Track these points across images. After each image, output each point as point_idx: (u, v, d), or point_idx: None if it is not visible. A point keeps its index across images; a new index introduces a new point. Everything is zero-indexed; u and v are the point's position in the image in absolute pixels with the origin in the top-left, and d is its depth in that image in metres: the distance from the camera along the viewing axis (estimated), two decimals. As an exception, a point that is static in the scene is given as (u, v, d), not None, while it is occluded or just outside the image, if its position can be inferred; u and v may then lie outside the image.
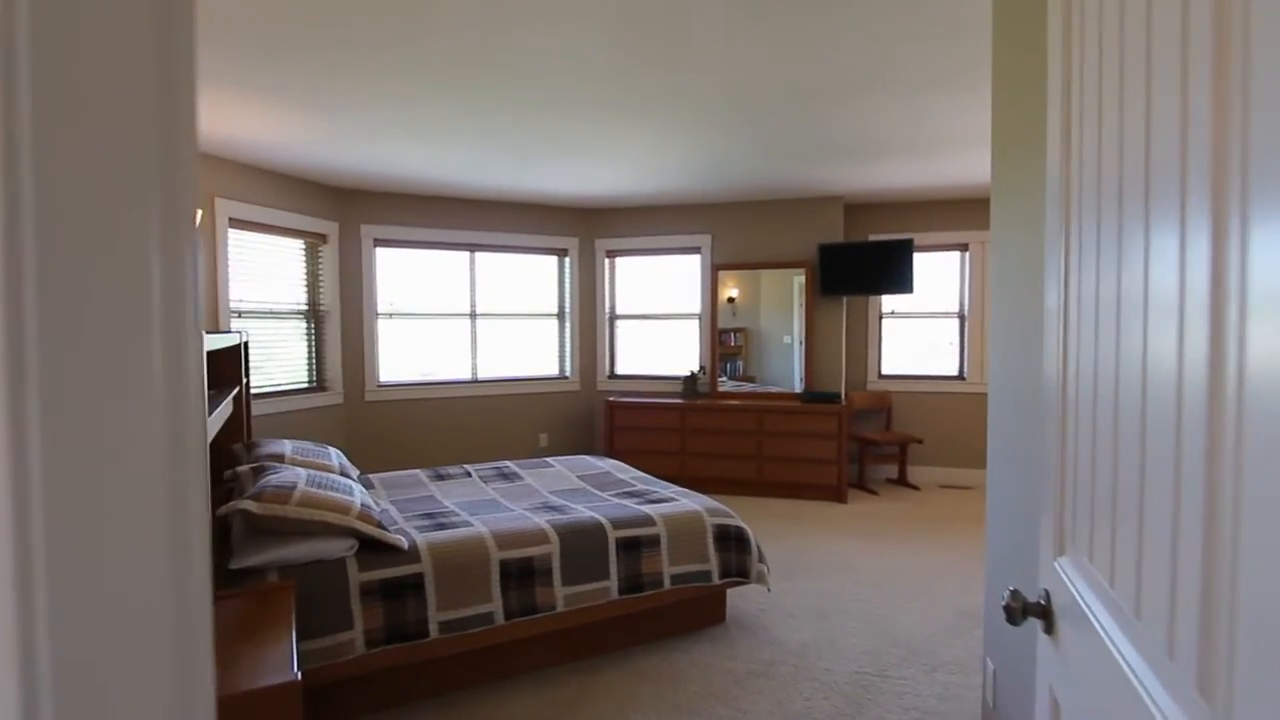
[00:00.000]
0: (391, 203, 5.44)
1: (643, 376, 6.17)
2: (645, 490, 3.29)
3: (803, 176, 4.92)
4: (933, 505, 5.17)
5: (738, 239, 5.88)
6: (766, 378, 5.76)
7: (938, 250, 5.90)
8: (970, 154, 4.27)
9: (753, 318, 5.83)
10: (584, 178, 4.94)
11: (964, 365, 5.86)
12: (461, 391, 5.72)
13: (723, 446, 5.45)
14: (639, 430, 5.64)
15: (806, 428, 5.26)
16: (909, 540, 4.34)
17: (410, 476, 3.63)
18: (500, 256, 5.93)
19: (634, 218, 6.11)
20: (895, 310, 6.01)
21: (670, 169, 4.67)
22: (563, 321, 6.18)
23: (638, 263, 6.21)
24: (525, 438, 5.99)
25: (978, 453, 5.81)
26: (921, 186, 5.26)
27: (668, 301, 6.15)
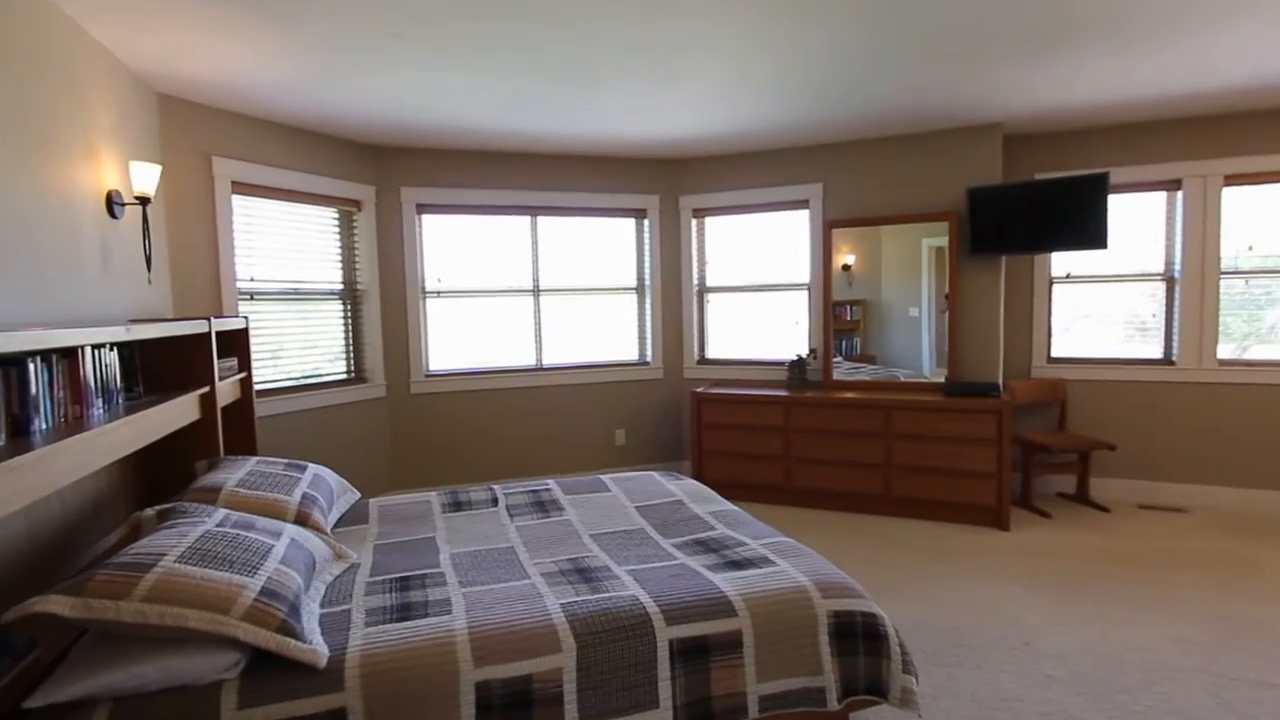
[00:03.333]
0: (436, 161, 4.62)
1: (739, 362, 5.09)
2: (727, 540, 2.26)
3: (945, 94, 3.63)
4: (1136, 536, 3.80)
5: (857, 188, 4.64)
6: (889, 359, 4.54)
7: (1135, 190, 4.39)
8: (1198, 38, 2.85)
9: (872, 287, 4.60)
10: (660, 112, 3.89)
11: (1172, 345, 4.36)
12: (524, 381, 4.89)
13: (839, 451, 4.30)
14: (733, 429, 4.58)
15: (953, 430, 4.01)
16: (1114, 597, 3.06)
17: (420, 504, 2.78)
18: (567, 221, 5.00)
19: (725, 167, 4.99)
20: (1071, 273, 4.57)
21: (766, 93, 3.53)
22: (642, 297, 5.19)
23: (731, 223, 5.10)
24: (599, 435, 5.09)
25: (1195, 462, 4.32)
26: (1115, 101, 3.81)
27: (770, 270, 5.01)
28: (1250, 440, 4.19)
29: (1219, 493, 4.27)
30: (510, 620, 1.69)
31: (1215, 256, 4.19)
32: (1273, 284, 4.17)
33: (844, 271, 4.68)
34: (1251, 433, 4.19)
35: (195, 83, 3.18)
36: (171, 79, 3.12)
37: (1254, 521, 4.00)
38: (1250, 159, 4.09)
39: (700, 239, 5.19)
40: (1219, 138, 4.16)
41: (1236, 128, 4.12)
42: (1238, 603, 2.99)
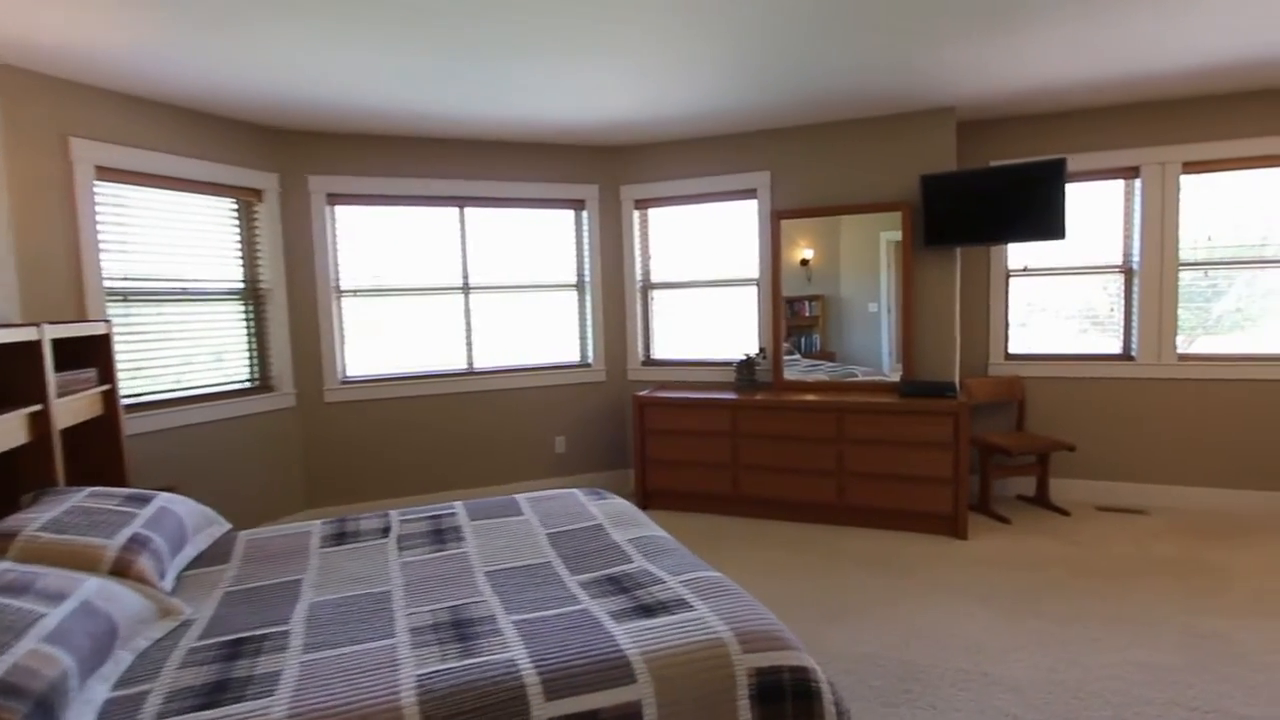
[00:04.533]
0: (349, 146, 4.21)
1: (687, 362, 4.79)
2: (642, 577, 1.94)
3: (894, 75, 3.36)
4: (1097, 542, 3.59)
5: (806, 176, 4.36)
6: (848, 355, 4.28)
7: (1092, 178, 4.19)
8: (1153, 13, 2.62)
9: (830, 282, 4.34)
10: (592, 91, 3.55)
11: (1131, 339, 4.18)
12: (453, 386, 4.51)
13: (789, 458, 4.02)
14: (678, 435, 4.27)
15: (907, 433, 3.75)
16: (1078, 613, 2.82)
17: (297, 537, 2.40)
18: (499, 213, 4.63)
19: (668, 155, 4.68)
20: (1029, 266, 4.36)
21: (705, 71, 3.21)
22: (582, 294, 4.85)
23: (676, 214, 4.79)
24: (537, 443, 4.74)
25: (1154, 461, 4.14)
26: (1070, 83, 3.58)
27: (718, 264, 4.71)
28: (1210, 438, 4.03)
29: (1180, 492, 4.10)
30: (347, 704, 1.34)
31: (1174, 247, 4.01)
32: (1230, 275, 4.01)
33: (803, 266, 4.41)
34: (1211, 430, 4.02)
35: (44, 50, 2.74)
36: (12, 45, 2.68)
37: (1216, 522, 3.83)
38: (1210, 145, 3.91)
39: (643, 231, 4.86)
40: (1178, 123, 3.97)
41: (1196, 112, 3.94)
42: (1206, 617, 2.78)
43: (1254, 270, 3.96)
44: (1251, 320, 3.99)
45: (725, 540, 3.82)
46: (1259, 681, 2.33)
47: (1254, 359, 3.93)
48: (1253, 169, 3.89)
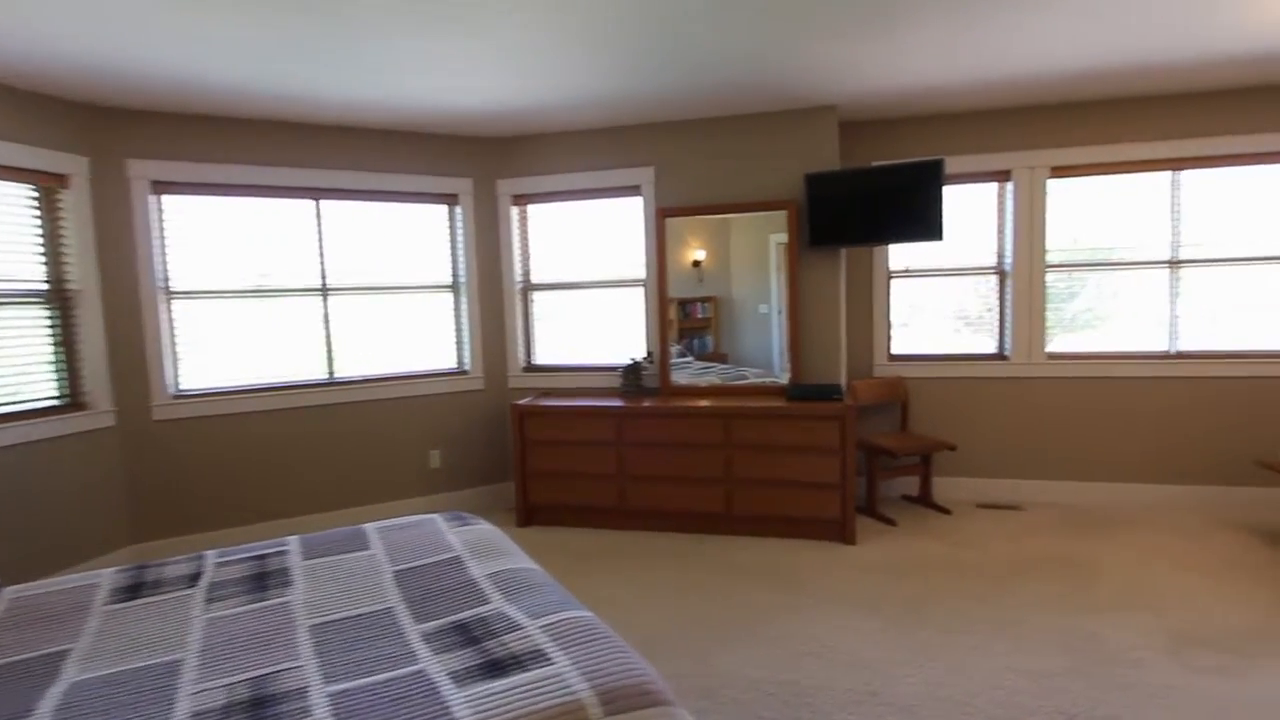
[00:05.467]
0: (180, 127, 3.68)
1: (572, 368, 4.53)
2: (497, 622, 1.67)
3: (775, 69, 3.26)
4: (977, 541, 3.63)
5: (691, 173, 4.22)
6: (741, 357, 4.18)
7: (968, 181, 4.29)
8: (1022, 16, 2.63)
9: (722, 284, 4.21)
10: (459, 77, 3.23)
11: (1005, 339, 4.30)
12: (311, 398, 4.04)
13: (677, 466, 3.85)
14: (560, 446, 4.01)
15: (795, 438, 3.67)
16: (962, 619, 2.79)
17: (80, 592, 1.97)
18: (361, 206, 4.20)
19: (548, 147, 4.41)
20: (909, 267, 4.41)
21: (577, 57, 2.97)
22: (458, 296, 4.50)
23: (558, 211, 4.53)
24: (409, 458, 4.34)
25: (1028, 458, 4.27)
26: (946, 85, 3.62)
27: (603, 264, 4.49)
28: (1076, 434, 4.20)
29: (1051, 487, 4.25)
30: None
31: (1042, 249, 4.15)
32: (1084, 277, 4.20)
33: (694, 268, 4.26)
34: (1077, 426, 4.19)
35: None
36: None
37: (1085, 516, 3.98)
38: (1075, 150, 4.07)
39: (523, 229, 4.57)
40: (1046, 128, 4.11)
41: (1062, 118, 4.09)
42: (1080, 616, 2.81)
43: (1104, 272, 4.16)
44: (1101, 319, 4.20)
45: (611, 557, 3.59)
46: (1131, 681, 2.34)
47: (1112, 357, 4.12)
48: (1112, 174, 4.09)
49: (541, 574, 2.00)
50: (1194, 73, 3.52)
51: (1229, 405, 4.00)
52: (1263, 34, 2.99)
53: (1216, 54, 3.24)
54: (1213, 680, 2.34)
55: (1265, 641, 2.57)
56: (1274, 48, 3.16)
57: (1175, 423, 4.07)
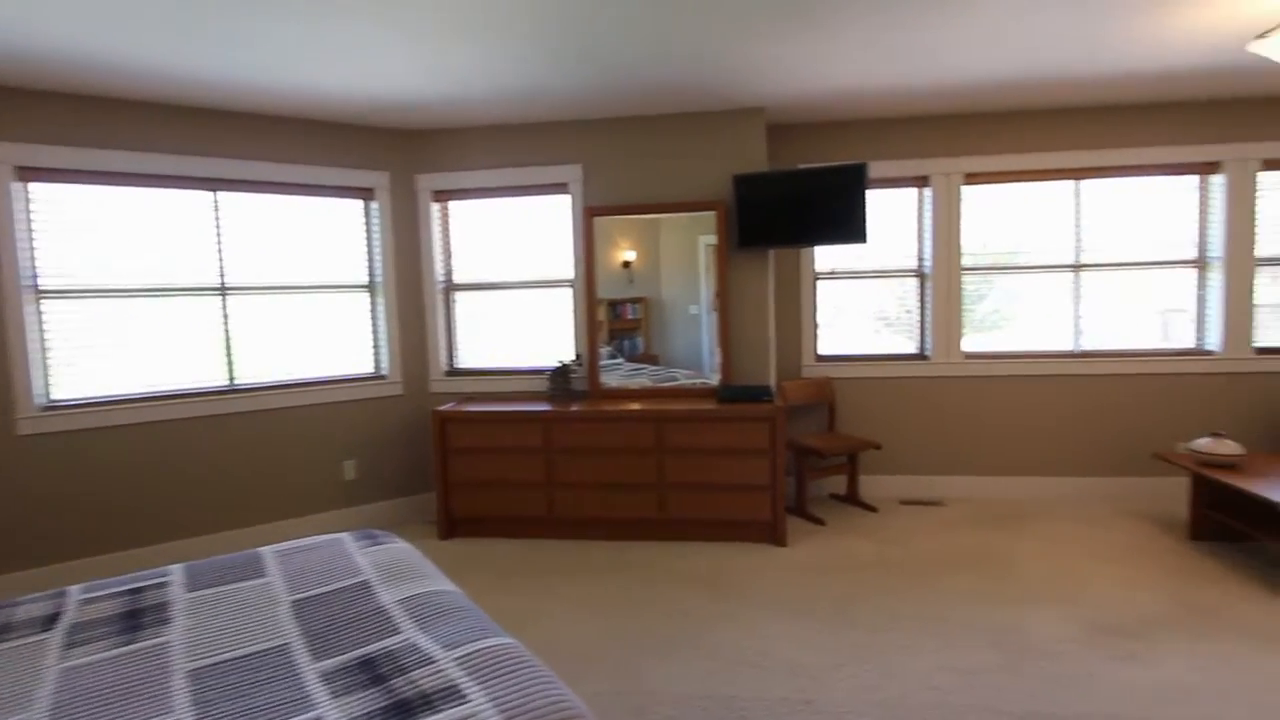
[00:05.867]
0: (47, 106, 3.30)
1: (497, 371, 4.35)
2: (407, 656, 1.51)
3: (701, 68, 3.20)
4: (905, 538, 3.67)
5: (619, 171, 4.12)
6: (672, 359, 4.11)
7: (890, 186, 4.36)
8: (940, 18, 2.67)
9: (652, 284, 4.13)
10: (370, 62, 3.02)
11: (925, 340, 4.39)
12: (209, 407, 3.71)
13: (608, 472, 3.73)
14: (484, 454, 3.83)
15: (726, 441, 3.62)
16: (892, 617, 2.79)
17: (-97, 640, 1.68)
18: (265, 200, 3.90)
19: (471, 141, 4.22)
20: (835, 269, 4.45)
21: (493, 45, 2.82)
22: (374, 296, 4.24)
23: (481, 208, 4.34)
24: (321, 470, 4.06)
25: (947, 455, 4.38)
26: (873, 91, 3.65)
27: (530, 264, 4.33)
28: (992, 430, 4.33)
29: (970, 482, 4.37)
30: None
31: (958, 252, 4.27)
32: (992, 279, 4.34)
33: (625, 268, 4.16)
34: (993, 422, 4.33)
35: None
36: None
37: (1001, 509, 4.10)
38: (988, 158, 4.20)
39: (445, 226, 4.36)
40: (962, 137, 4.23)
41: (977, 128, 4.21)
42: (1002, 609, 2.86)
43: (1014, 275, 4.31)
44: (1007, 320, 4.36)
45: (538, 569, 3.45)
46: (1054, 673, 2.39)
47: (1023, 356, 4.28)
48: (1021, 181, 4.23)
49: (459, 597, 1.85)
50: (1095, 88, 3.67)
51: (1128, 401, 4.22)
52: (1157, 54, 3.13)
53: (1115, 72, 3.38)
54: (1128, 667, 2.41)
55: (1170, 626, 2.68)
56: (1164, 67, 3.32)
57: (1080, 418, 4.26)
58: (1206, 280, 4.20)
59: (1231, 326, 4.12)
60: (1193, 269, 4.21)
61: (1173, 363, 4.17)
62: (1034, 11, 2.69)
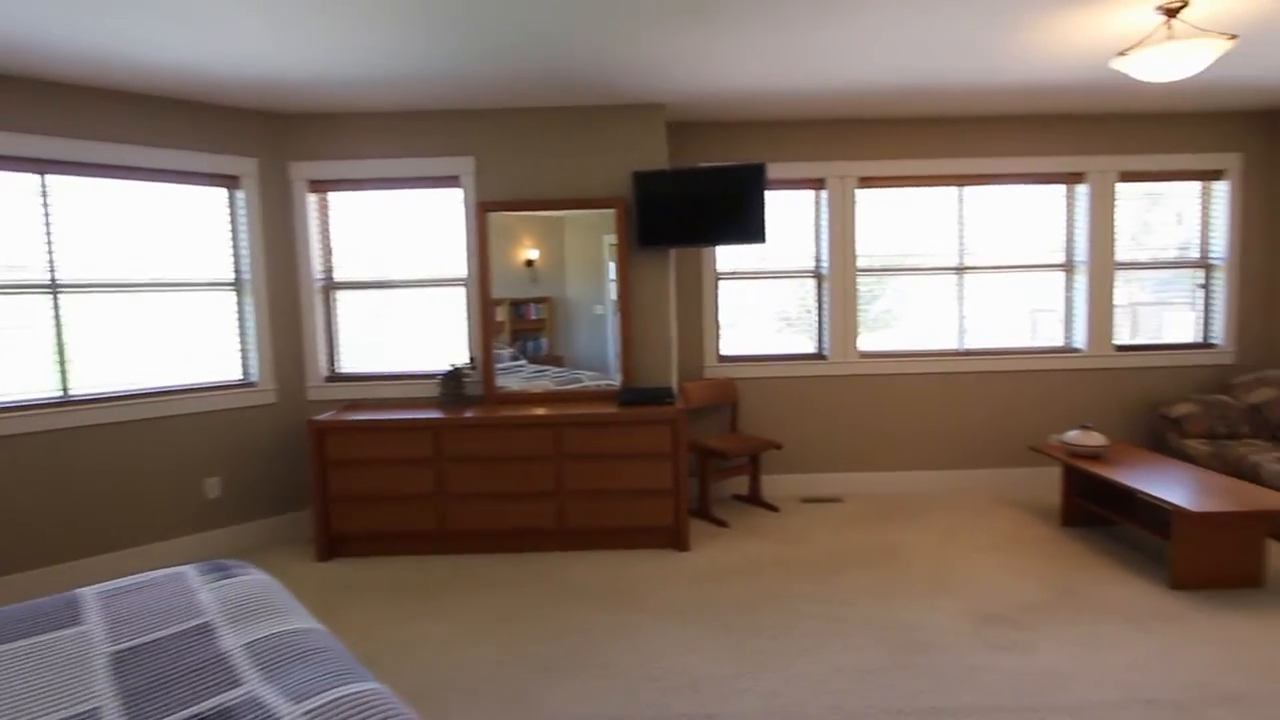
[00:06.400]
0: None
1: (383, 377, 4.06)
2: (248, 714, 1.30)
3: (605, 63, 3.08)
4: (806, 537, 3.69)
5: (515, 165, 3.93)
6: (577, 360, 3.97)
7: (788, 187, 4.39)
8: (856, 18, 2.68)
9: (557, 284, 3.97)
10: (224, 28, 2.70)
11: (823, 340, 4.46)
12: (43, 421, 3.24)
13: (504, 481, 3.55)
14: (368, 466, 3.55)
15: (627, 445, 3.51)
16: (792, 619, 2.77)
17: None
18: (107, 185, 3.45)
19: (352, 128, 3.92)
20: (736, 269, 4.44)
21: (363, 22, 2.59)
22: (242, 295, 3.86)
23: (365, 200, 4.04)
24: (179, 489, 3.64)
25: (845, 452, 4.46)
26: (771, 91, 3.65)
27: (421, 261, 4.07)
28: (886, 427, 4.45)
29: (867, 478, 4.47)
30: None
31: (853, 254, 4.35)
32: (884, 281, 4.48)
33: (528, 267, 3.98)
34: (887, 419, 4.45)
35: None
36: None
37: (895, 504, 4.22)
38: (880, 163, 4.30)
39: (323, 220, 4.03)
40: (857, 141, 4.31)
41: (870, 133, 4.31)
42: (896, 604, 2.91)
43: (904, 276, 4.46)
44: (897, 320, 4.51)
45: (427, 589, 3.22)
46: (944, 667, 2.42)
47: (913, 355, 4.42)
48: (910, 186, 4.37)
49: (320, 635, 1.64)
50: (976, 98, 3.83)
51: (1006, 397, 4.44)
52: (1030, 68, 3.28)
53: (993, 84, 3.53)
54: (1010, 656, 2.48)
55: (1046, 612, 2.80)
56: (1037, 81, 3.49)
57: (965, 413, 4.45)
58: (1073, 283, 4.48)
59: (1094, 326, 4.42)
60: (1061, 272, 4.48)
61: (1044, 360, 4.42)
62: (914, 18, 2.73)
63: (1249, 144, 4.36)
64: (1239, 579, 2.96)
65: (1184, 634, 2.61)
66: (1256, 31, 2.93)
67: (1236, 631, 2.62)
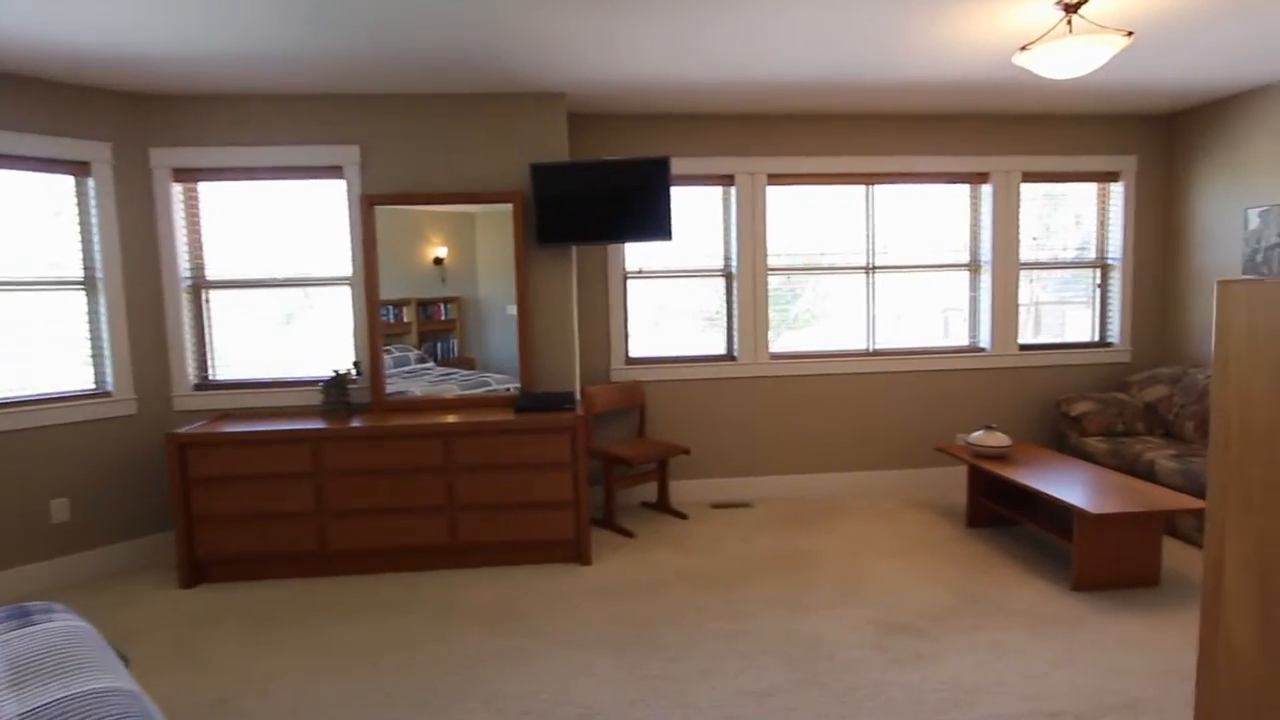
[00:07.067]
0: None
1: (261, 384, 3.72)
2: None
3: (500, 46, 2.87)
4: (713, 546, 3.57)
5: (404, 156, 3.67)
6: (488, 362, 3.74)
7: (696, 183, 4.27)
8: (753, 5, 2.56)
9: (468, 283, 3.74)
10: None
11: (733, 341, 4.36)
12: None
13: (392, 495, 3.28)
14: (238, 483, 3.23)
15: (524, 454, 3.31)
16: (693, 636, 2.63)
17: None
18: (-79, 170, 3.01)
19: (221, 111, 3.57)
20: (644, 268, 4.29)
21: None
22: (94, 294, 3.45)
23: (238, 191, 3.69)
24: (22, 513, 3.23)
25: (755, 456, 4.38)
26: (675, 82, 3.51)
27: (304, 258, 3.74)
28: (797, 429, 4.39)
29: (777, 482, 4.40)
30: None
31: (764, 253, 4.27)
32: (803, 280, 4.42)
33: (436, 265, 3.72)
34: (797, 421, 4.39)
35: None
36: None
37: (804, 507, 4.15)
38: (790, 160, 4.23)
39: (191, 212, 3.66)
40: (766, 137, 4.23)
41: (779, 129, 4.23)
42: (802, 617, 2.81)
43: (816, 276, 4.41)
44: (817, 319, 4.46)
45: (301, 616, 2.93)
46: (847, 685, 2.32)
47: (824, 356, 4.37)
48: (820, 184, 4.32)
49: (124, 696, 1.38)
50: (882, 95, 3.79)
51: (915, 396, 4.45)
52: (934, 64, 3.24)
53: (898, 80, 3.49)
54: (914, 670, 2.40)
55: (952, 619, 2.75)
56: (941, 78, 3.47)
57: (874, 414, 4.43)
58: (979, 282, 4.52)
59: (999, 325, 4.47)
60: (967, 271, 4.52)
61: (951, 360, 4.45)
62: (817, 7, 2.63)
63: (1143, 147, 4.50)
64: (1137, 578, 2.99)
65: (1084, 639, 2.60)
66: (1152, 32, 2.96)
67: (1133, 633, 2.63)
